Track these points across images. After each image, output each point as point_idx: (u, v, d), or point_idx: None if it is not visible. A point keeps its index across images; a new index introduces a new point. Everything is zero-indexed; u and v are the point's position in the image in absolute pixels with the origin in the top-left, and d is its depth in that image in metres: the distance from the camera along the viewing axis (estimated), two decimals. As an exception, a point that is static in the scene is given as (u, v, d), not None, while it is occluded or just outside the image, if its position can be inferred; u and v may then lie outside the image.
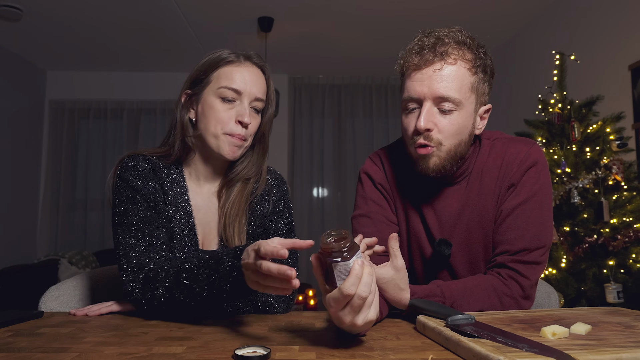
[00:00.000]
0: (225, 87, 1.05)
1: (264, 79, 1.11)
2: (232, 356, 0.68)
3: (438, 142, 1.01)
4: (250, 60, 1.10)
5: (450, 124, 1.00)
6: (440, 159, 1.02)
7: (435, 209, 1.11)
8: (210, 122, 1.05)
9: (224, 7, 3.55)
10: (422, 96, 1.00)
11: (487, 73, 1.04)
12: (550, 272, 2.35)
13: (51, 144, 4.95)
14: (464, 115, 1.01)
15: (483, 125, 1.09)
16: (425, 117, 0.99)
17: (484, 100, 1.06)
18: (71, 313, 1.01)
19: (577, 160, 2.47)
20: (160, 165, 1.10)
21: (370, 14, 3.67)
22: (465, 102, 1.00)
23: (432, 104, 1.00)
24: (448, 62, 0.99)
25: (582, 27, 3.16)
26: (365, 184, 1.19)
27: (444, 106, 0.99)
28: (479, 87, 1.03)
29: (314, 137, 5.24)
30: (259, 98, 1.08)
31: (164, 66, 4.85)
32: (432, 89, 0.98)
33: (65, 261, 3.90)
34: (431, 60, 0.99)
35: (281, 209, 1.15)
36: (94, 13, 3.62)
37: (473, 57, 1.01)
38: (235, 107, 1.06)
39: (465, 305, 0.95)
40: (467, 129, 1.03)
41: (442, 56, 0.99)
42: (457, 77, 0.99)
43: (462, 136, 1.02)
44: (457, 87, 0.98)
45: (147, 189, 1.06)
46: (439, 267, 1.12)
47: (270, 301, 1.05)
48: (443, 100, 0.99)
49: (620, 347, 0.63)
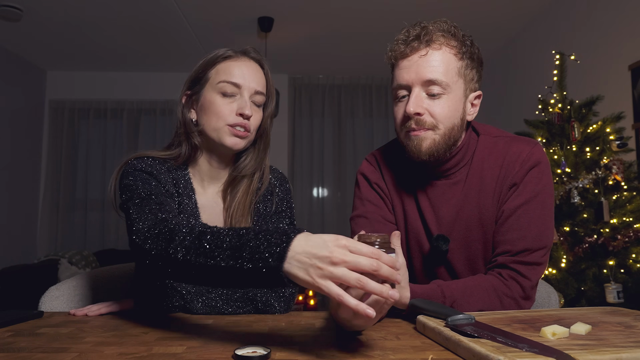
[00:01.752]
0: (224, 82, 1.05)
1: (263, 73, 1.11)
2: (232, 356, 0.68)
3: (432, 124, 1.03)
4: (247, 55, 1.10)
5: (441, 108, 1.02)
6: (434, 142, 1.03)
7: (433, 205, 1.11)
8: (211, 117, 1.05)
9: (224, 7, 3.56)
10: (410, 82, 1.02)
11: (474, 60, 1.06)
12: (550, 272, 2.35)
13: (51, 144, 4.95)
14: (454, 99, 1.03)
15: (474, 112, 1.10)
16: (414, 102, 1.01)
17: (473, 87, 1.07)
18: (71, 313, 1.01)
19: (577, 160, 2.47)
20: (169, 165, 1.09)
21: (370, 14, 3.67)
22: (454, 86, 1.02)
23: (420, 88, 1.02)
24: (433, 48, 1.02)
25: (582, 27, 3.16)
26: (361, 185, 1.20)
27: (432, 90, 1.01)
28: (466, 73, 1.04)
29: (314, 137, 5.24)
30: (259, 91, 1.08)
31: (164, 66, 4.86)
32: (419, 73, 1.01)
33: (65, 261, 3.90)
34: (417, 47, 1.02)
35: (284, 209, 1.15)
36: (94, 13, 3.62)
37: (458, 44, 1.03)
38: (235, 101, 1.05)
39: (466, 305, 0.95)
40: (458, 112, 1.04)
41: (428, 43, 1.02)
42: (443, 61, 1.01)
43: (454, 120, 1.04)
44: (443, 70, 1.01)
45: (160, 177, 1.03)
46: (436, 263, 1.12)
47: (270, 301, 1.05)
48: (431, 83, 1.01)
49: (620, 347, 0.63)
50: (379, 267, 0.63)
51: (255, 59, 1.11)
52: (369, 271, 0.62)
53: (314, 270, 0.64)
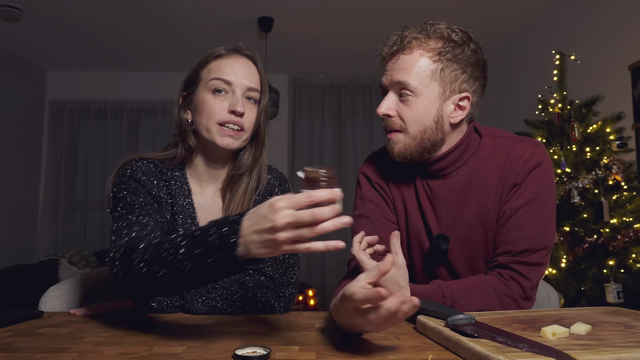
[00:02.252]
0: (215, 79, 1.05)
1: (256, 69, 1.11)
2: (232, 356, 0.68)
3: (401, 127, 1.06)
4: (239, 52, 1.10)
5: (409, 110, 1.05)
6: (405, 145, 1.06)
7: (433, 205, 1.11)
8: (203, 116, 1.05)
9: (224, 7, 3.55)
10: (385, 85, 1.08)
11: (459, 61, 1.03)
12: (550, 272, 2.35)
13: (51, 144, 4.95)
14: (424, 102, 1.04)
15: (460, 114, 1.06)
16: (384, 104, 1.07)
17: (456, 88, 1.05)
18: (71, 313, 1.01)
19: (577, 160, 2.47)
20: (164, 167, 1.10)
21: (370, 14, 3.67)
22: (424, 89, 1.03)
23: (393, 92, 1.07)
24: (404, 53, 1.05)
25: (582, 27, 3.16)
26: (362, 184, 1.20)
27: (402, 92, 1.05)
28: (444, 75, 1.03)
29: (314, 137, 5.24)
30: (252, 88, 1.07)
31: (164, 66, 4.85)
32: (390, 77, 1.06)
33: (65, 261, 3.89)
34: (393, 53, 1.06)
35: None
36: (93, 13, 3.62)
37: (438, 47, 1.03)
38: (227, 99, 1.05)
39: (466, 305, 0.95)
40: (429, 115, 1.04)
41: (403, 47, 1.05)
42: (412, 65, 1.03)
43: (425, 123, 1.05)
44: (412, 74, 1.03)
45: (151, 183, 1.05)
46: (436, 263, 1.12)
47: (270, 301, 1.05)
48: (401, 86, 1.04)
49: (620, 347, 0.63)
50: (320, 215, 0.66)
51: (248, 56, 1.10)
52: (310, 222, 0.66)
53: (269, 243, 0.67)
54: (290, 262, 1.10)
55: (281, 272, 1.08)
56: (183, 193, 1.09)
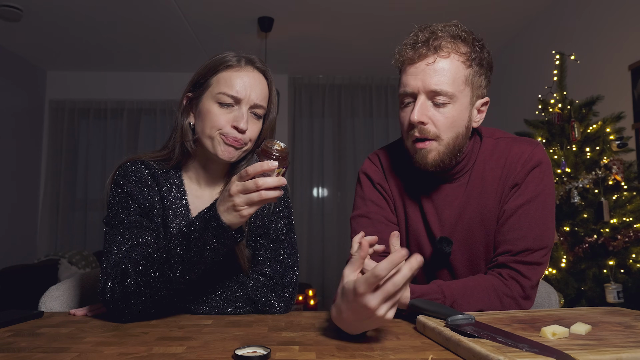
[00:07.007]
0: (223, 94, 1.03)
1: (266, 84, 1.09)
2: (232, 356, 0.68)
3: (436, 135, 1.02)
4: (252, 65, 1.07)
5: (444, 117, 1.01)
6: (439, 153, 1.03)
7: (436, 207, 1.11)
8: (207, 125, 1.04)
9: (224, 7, 3.55)
10: (416, 90, 1.01)
11: (483, 66, 1.04)
12: (550, 272, 2.35)
13: (51, 144, 4.95)
14: (459, 108, 1.01)
15: (481, 118, 1.09)
16: (418, 111, 1.00)
17: (480, 93, 1.06)
18: (71, 313, 1.01)
19: (577, 160, 2.47)
20: (158, 170, 1.10)
21: (370, 14, 3.67)
22: (460, 95, 1.01)
23: (425, 97, 1.01)
24: (441, 56, 0.99)
25: (582, 27, 3.16)
26: (364, 184, 1.19)
27: (437, 100, 1.00)
28: (474, 80, 1.03)
29: (314, 137, 5.24)
30: (259, 105, 1.06)
31: (164, 66, 4.85)
32: (425, 82, 0.99)
33: (65, 261, 3.89)
34: (425, 54, 1.00)
35: (281, 209, 1.15)
36: (94, 13, 3.62)
37: (468, 51, 1.01)
38: (232, 112, 1.04)
39: (466, 305, 0.95)
40: (462, 121, 1.03)
41: (436, 50, 0.99)
42: (450, 71, 0.99)
43: (458, 129, 1.03)
44: (450, 80, 0.99)
45: (141, 195, 1.06)
46: (438, 266, 1.12)
47: (270, 301, 1.05)
48: (436, 94, 0.99)
49: (620, 347, 0.63)
50: (262, 183, 0.81)
51: (260, 70, 1.08)
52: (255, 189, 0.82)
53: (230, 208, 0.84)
54: (290, 262, 1.10)
55: (281, 272, 1.08)
56: (179, 196, 1.09)
